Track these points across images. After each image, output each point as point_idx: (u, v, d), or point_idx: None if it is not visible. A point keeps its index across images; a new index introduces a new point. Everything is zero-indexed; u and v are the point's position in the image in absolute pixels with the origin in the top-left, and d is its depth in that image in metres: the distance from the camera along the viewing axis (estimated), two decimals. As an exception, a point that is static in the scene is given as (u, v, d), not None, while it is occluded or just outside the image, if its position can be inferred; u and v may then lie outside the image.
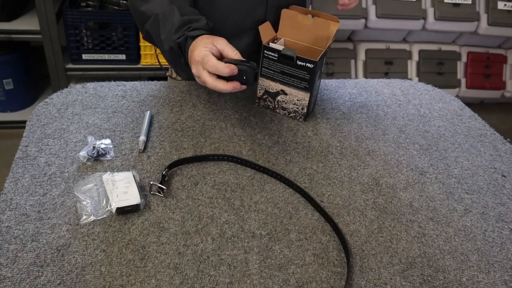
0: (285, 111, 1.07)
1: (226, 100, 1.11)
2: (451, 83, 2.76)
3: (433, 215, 0.86)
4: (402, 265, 0.75)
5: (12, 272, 0.66)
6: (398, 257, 0.76)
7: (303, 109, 1.04)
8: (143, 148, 0.92)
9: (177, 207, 0.81)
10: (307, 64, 0.97)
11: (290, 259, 0.74)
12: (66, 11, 1.98)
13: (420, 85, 1.31)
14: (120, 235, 0.74)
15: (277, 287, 0.69)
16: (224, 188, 0.86)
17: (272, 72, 1.02)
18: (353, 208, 0.85)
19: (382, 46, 2.66)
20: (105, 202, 0.78)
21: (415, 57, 2.69)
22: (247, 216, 0.80)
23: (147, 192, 0.82)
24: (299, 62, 0.97)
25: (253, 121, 1.05)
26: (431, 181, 0.94)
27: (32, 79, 2.35)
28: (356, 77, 2.64)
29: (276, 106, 1.07)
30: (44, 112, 1.00)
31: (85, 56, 2.11)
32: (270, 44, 1.00)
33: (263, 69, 1.03)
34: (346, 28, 2.54)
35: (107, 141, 0.91)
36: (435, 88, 1.31)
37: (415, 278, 0.73)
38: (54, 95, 1.06)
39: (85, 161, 0.87)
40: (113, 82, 1.12)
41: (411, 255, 0.77)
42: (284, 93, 1.04)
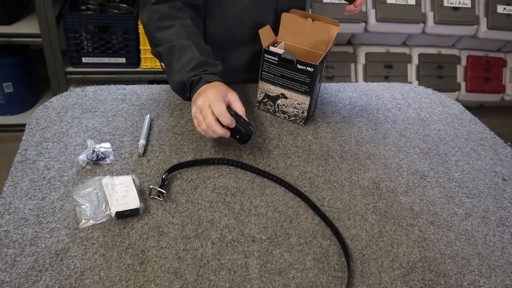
0: (286, 115, 1.07)
1: (226, 103, 1.10)
2: (450, 87, 2.76)
3: (433, 219, 0.85)
4: (403, 270, 0.75)
5: (11, 277, 0.66)
6: (399, 261, 0.76)
7: (303, 112, 1.04)
8: (142, 152, 0.91)
9: (176, 211, 0.80)
10: (307, 68, 0.96)
11: (291, 263, 0.73)
12: (66, 15, 1.98)
13: (420, 88, 1.31)
14: (119, 240, 0.74)
15: (277, 292, 0.69)
16: (224, 192, 0.85)
17: (272, 76, 1.02)
18: (353, 212, 0.84)
19: (382, 49, 2.67)
20: (104, 206, 0.78)
21: (415, 60, 2.70)
22: (247, 220, 0.80)
23: (146, 196, 0.82)
24: (299, 66, 0.97)
25: (253, 124, 1.04)
26: (431, 185, 0.94)
27: (32, 82, 2.34)
28: (356, 80, 2.64)
29: (277, 109, 1.07)
30: (43, 115, 1.00)
31: (85, 60, 2.11)
32: (270, 48, 1.00)
33: (263, 72, 1.03)
34: (346, 31, 2.54)
35: (106, 144, 0.91)
36: (435, 91, 1.31)
37: (416, 283, 0.73)
38: (53, 99, 1.06)
39: (84, 165, 0.87)
40: (113, 86, 1.12)
41: (412, 259, 0.77)
42: (284, 96, 1.03)
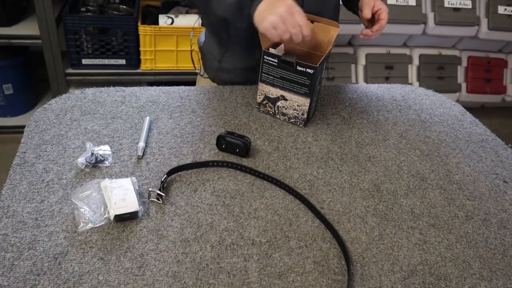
0: (286, 117, 1.06)
1: (226, 105, 1.10)
2: (451, 88, 2.76)
3: (434, 221, 0.85)
4: (403, 273, 0.74)
5: (9, 281, 0.66)
6: (399, 264, 0.76)
7: (303, 114, 1.03)
8: (142, 155, 0.91)
9: (176, 214, 0.80)
10: (307, 70, 0.96)
11: (290, 267, 0.73)
12: (66, 16, 1.98)
13: (421, 90, 1.30)
14: (118, 243, 0.73)
15: (277, 295, 0.69)
16: (223, 195, 0.85)
17: (272, 78, 1.02)
18: (353, 215, 0.84)
19: (382, 50, 2.66)
20: (103, 209, 0.77)
21: (416, 61, 2.69)
22: (246, 223, 0.80)
23: (145, 199, 0.82)
24: (299, 68, 0.97)
25: (252, 126, 1.04)
26: (432, 187, 0.93)
27: (32, 84, 2.34)
28: (357, 81, 2.64)
29: (277, 111, 1.07)
30: (42, 118, 1.00)
31: (85, 61, 2.11)
32: (270, 50, 1.00)
33: (263, 74, 1.03)
34: (346, 32, 2.54)
35: (105, 147, 0.90)
36: (436, 93, 1.30)
37: (416, 286, 0.72)
38: (52, 101, 1.05)
39: (83, 167, 0.86)
40: (112, 88, 1.12)
41: (412, 262, 0.76)
42: (284, 98, 1.03)
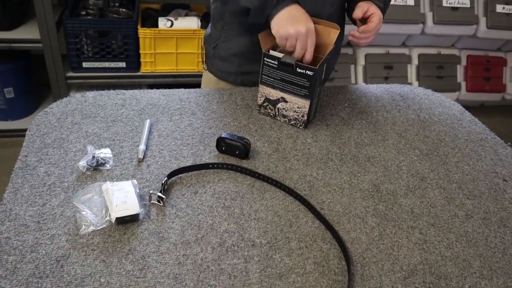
0: (286, 119, 1.07)
1: (226, 107, 1.11)
2: (451, 87, 2.76)
3: (434, 221, 0.85)
4: (404, 273, 0.75)
5: (11, 284, 0.66)
6: (400, 264, 0.76)
7: (303, 116, 1.04)
8: (142, 157, 0.91)
9: (176, 216, 0.80)
10: (307, 72, 0.97)
11: (291, 267, 0.73)
12: (66, 20, 1.98)
13: (420, 89, 1.31)
14: (119, 245, 0.74)
15: (277, 296, 0.69)
16: (223, 197, 0.85)
17: (272, 80, 1.02)
18: (353, 215, 0.84)
19: (381, 50, 2.66)
20: (104, 212, 0.78)
21: (415, 61, 2.69)
22: (247, 225, 0.80)
23: (146, 202, 0.82)
24: (299, 70, 0.97)
25: (252, 128, 1.04)
26: (431, 186, 0.94)
27: (33, 87, 2.35)
28: (356, 82, 2.64)
29: (277, 113, 1.07)
30: (43, 121, 1.00)
31: (85, 64, 2.12)
32: (270, 52, 1.00)
33: (263, 76, 1.03)
34: (345, 33, 2.54)
35: (106, 150, 0.91)
36: (435, 92, 1.31)
37: (417, 286, 0.73)
38: (53, 104, 1.06)
39: (84, 170, 0.87)
40: (113, 91, 1.12)
41: (412, 262, 0.77)
42: (284, 100, 1.03)
